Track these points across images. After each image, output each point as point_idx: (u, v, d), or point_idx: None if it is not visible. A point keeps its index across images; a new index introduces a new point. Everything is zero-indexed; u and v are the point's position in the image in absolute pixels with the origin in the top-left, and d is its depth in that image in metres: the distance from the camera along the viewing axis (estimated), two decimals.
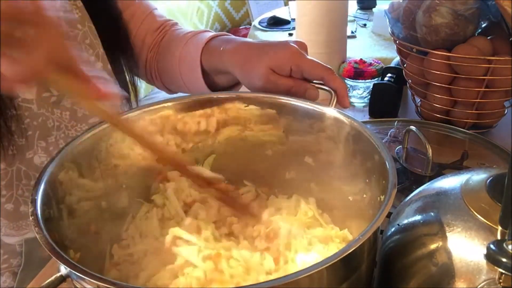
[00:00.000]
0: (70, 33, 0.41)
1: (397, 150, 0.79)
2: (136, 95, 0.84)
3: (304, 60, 0.62)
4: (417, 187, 0.51)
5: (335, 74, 0.61)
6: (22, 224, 0.69)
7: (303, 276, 0.35)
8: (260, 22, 1.86)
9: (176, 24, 0.84)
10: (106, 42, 0.75)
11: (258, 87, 0.63)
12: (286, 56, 0.62)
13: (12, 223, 0.68)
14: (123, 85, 0.81)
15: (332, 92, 0.61)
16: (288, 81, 0.61)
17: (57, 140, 0.70)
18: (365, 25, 1.71)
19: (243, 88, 0.69)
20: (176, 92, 0.84)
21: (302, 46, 0.64)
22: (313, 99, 0.60)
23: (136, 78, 0.85)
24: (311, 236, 0.53)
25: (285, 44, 0.63)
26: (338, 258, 0.36)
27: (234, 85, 0.74)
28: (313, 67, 0.61)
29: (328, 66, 0.61)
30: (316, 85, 0.62)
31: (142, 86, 1.80)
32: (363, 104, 1.02)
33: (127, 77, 0.82)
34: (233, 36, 0.72)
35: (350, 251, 0.37)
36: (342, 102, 0.60)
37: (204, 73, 0.71)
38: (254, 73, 0.63)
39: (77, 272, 0.37)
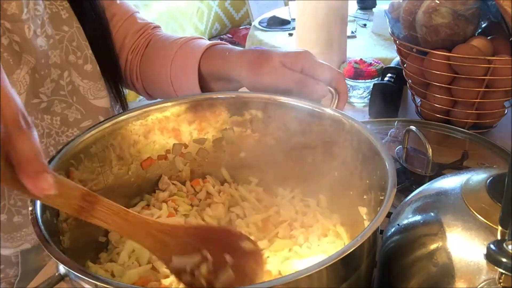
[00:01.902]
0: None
1: (397, 150, 0.79)
2: (125, 98, 0.83)
3: (317, 61, 0.63)
4: (417, 187, 0.51)
5: (344, 78, 0.62)
6: (16, 236, 0.68)
7: (303, 276, 0.35)
8: (260, 22, 1.86)
9: (158, 27, 0.83)
10: (93, 43, 0.74)
11: (265, 84, 0.63)
12: (299, 55, 0.63)
13: (7, 235, 0.67)
14: (114, 86, 0.79)
15: (334, 92, 0.61)
16: (298, 75, 0.62)
17: (47, 147, 0.69)
18: (365, 25, 1.71)
19: (243, 88, 0.69)
20: (156, 98, 0.82)
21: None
22: (321, 95, 0.60)
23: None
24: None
25: (297, 48, 0.65)
26: (338, 258, 0.36)
27: None
28: (325, 68, 0.62)
29: (340, 71, 0.62)
30: None
31: None
32: (363, 104, 1.02)
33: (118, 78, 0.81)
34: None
35: (349, 251, 0.37)
36: (339, 106, 0.61)
37: (201, 79, 0.71)
38: (263, 68, 0.63)
39: (75, 271, 0.37)
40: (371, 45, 1.54)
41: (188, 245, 0.43)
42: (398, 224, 0.46)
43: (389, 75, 0.97)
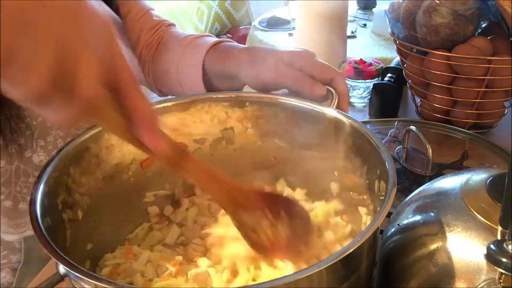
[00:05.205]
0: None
1: (397, 150, 0.79)
2: None
3: (317, 61, 0.63)
4: (417, 187, 0.51)
5: (344, 79, 0.62)
6: (21, 222, 0.69)
7: (303, 276, 0.35)
8: (260, 22, 1.85)
9: (172, 25, 0.84)
10: None
11: (263, 80, 0.63)
12: (299, 54, 0.63)
13: (11, 221, 0.68)
14: None
15: (334, 92, 0.61)
16: (296, 72, 0.62)
17: (56, 139, 0.70)
18: (365, 25, 1.71)
19: (246, 88, 0.70)
20: (166, 95, 0.83)
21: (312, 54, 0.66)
22: (318, 95, 0.60)
23: None
24: None
25: (298, 48, 0.65)
26: (338, 259, 0.36)
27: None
28: (325, 68, 0.62)
29: (340, 71, 0.62)
30: None
31: None
32: (363, 104, 1.02)
33: None
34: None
35: (349, 251, 0.37)
36: (342, 107, 0.61)
37: (205, 77, 0.71)
38: (263, 65, 0.63)
39: (75, 272, 0.37)
40: (371, 45, 1.54)
41: (253, 204, 0.49)
42: (398, 224, 0.46)
43: (389, 75, 0.97)
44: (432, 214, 0.44)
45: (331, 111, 0.56)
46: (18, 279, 0.71)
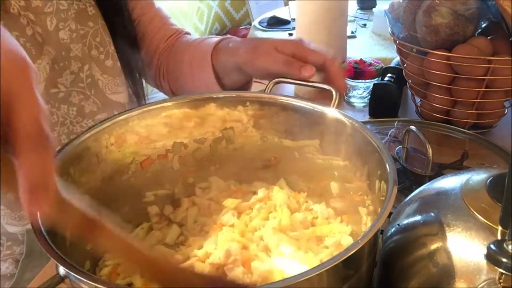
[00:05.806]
0: None
1: (397, 150, 0.79)
2: (143, 95, 0.86)
3: (309, 47, 0.66)
4: (417, 187, 0.51)
5: (337, 62, 0.64)
6: (23, 215, 0.70)
7: (303, 279, 0.35)
8: (260, 22, 1.86)
9: (188, 33, 0.88)
10: (117, 40, 0.77)
11: (257, 66, 0.67)
12: (291, 40, 0.68)
13: (14, 213, 0.69)
14: (133, 84, 0.82)
15: (334, 91, 0.61)
16: (287, 57, 0.65)
17: (60, 135, 0.71)
18: (365, 25, 1.71)
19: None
20: None
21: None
22: (306, 75, 0.62)
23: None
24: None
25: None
26: (339, 261, 0.36)
27: (242, 87, 0.77)
28: (317, 52, 0.65)
29: (333, 56, 0.65)
30: (316, 85, 0.62)
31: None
32: (363, 104, 1.01)
33: (137, 76, 0.83)
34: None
35: (351, 253, 0.37)
36: (338, 82, 0.63)
37: (216, 75, 0.74)
38: (257, 50, 0.67)
39: (75, 273, 0.37)
40: (371, 45, 1.54)
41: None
42: (398, 224, 0.46)
43: (389, 75, 0.97)
44: (432, 214, 0.44)
45: (331, 111, 0.56)
46: (20, 271, 0.72)
